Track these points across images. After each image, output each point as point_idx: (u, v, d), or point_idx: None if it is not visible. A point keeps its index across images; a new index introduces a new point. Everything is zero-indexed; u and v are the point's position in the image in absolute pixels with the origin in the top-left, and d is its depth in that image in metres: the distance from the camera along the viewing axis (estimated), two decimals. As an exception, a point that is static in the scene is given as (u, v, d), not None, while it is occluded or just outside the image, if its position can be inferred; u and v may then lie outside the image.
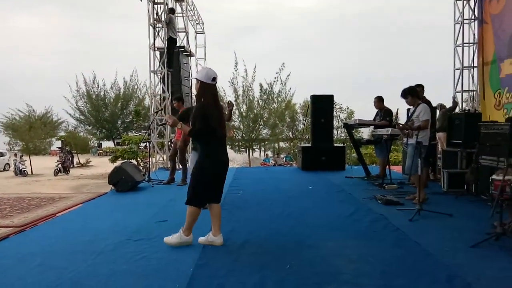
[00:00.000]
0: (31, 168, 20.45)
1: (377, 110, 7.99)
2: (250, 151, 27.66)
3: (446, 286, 2.85)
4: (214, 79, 3.63)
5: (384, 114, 7.72)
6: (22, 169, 19.70)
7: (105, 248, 3.76)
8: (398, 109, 6.73)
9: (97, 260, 3.45)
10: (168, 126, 11.32)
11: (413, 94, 5.62)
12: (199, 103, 3.66)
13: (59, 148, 25.04)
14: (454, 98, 8.03)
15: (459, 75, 10.28)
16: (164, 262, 3.39)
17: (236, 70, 23.24)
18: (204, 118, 3.54)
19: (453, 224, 4.54)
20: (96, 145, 34.47)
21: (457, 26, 10.32)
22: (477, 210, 5.17)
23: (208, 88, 3.62)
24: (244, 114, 24.03)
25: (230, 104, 5.68)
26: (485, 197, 5.60)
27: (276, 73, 23.64)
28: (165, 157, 11.52)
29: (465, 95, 10.50)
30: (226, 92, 23.81)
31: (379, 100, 7.92)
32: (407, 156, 5.84)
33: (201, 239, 3.87)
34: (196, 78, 3.72)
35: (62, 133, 29.31)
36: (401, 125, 5.93)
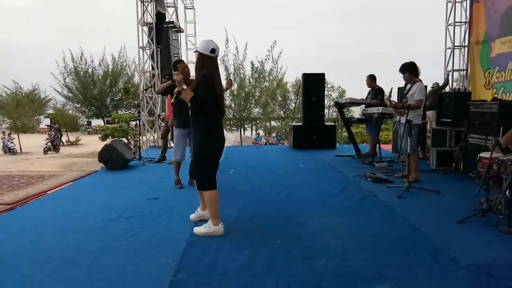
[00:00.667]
0: (20, 146, 20.22)
1: (369, 88, 7.99)
2: (242, 130, 27.62)
3: (432, 260, 2.93)
4: (213, 50, 3.39)
5: (376, 93, 7.73)
6: (11, 147, 19.46)
7: (95, 225, 3.77)
8: (392, 88, 6.74)
9: (88, 237, 3.47)
10: (158, 103, 11.20)
11: (412, 70, 5.59)
12: (202, 74, 3.37)
13: (47, 126, 24.72)
14: (447, 75, 8.03)
15: (450, 54, 10.26)
16: (155, 239, 3.42)
17: (227, 48, 22.91)
18: (211, 90, 3.33)
19: (440, 200, 4.63)
20: (85, 123, 34.10)
21: (449, 4, 10.23)
22: (465, 187, 5.27)
23: (207, 60, 3.39)
24: (235, 92, 23.85)
25: (230, 82, 5.61)
26: (472, 175, 5.70)
27: (268, 51, 23.39)
28: (155, 136, 11.46)
29: (456, 74, 10.52)
30: (217, 70, 23.53)
31: (371, 79, 7.90)
32: (399, 135, 5.88)
33: (192, 216, 3.90)
34: (196, 50, 3.51)
35: (51, 111, 28.92)
36: (393, 103, 5.95)
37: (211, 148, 3.46)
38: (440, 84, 8.82)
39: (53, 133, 21.11)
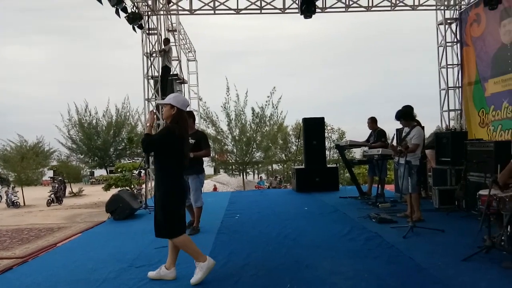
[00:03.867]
0: (24, 199, 20.25)
1: (370, 130, 8.21)
2: (244, 174, 27.73)
3: (440, 298, 2.99)
4: (188, 106, 3.73)
5: (378, 135, 7.94)
6: (15, 201, 19.49)
7: (108, 276, 3.84)
8: (394, 134, 7.02)
9: (101, 288, 3.53)
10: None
11: (406, 117, 5.82)
12: (167, 127, 3.56)
13: (51, 178, 24.90)
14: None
15: (445, 95, 10.65)
16: (167, 287, 3.48)
17: (228, 95, 23.61)
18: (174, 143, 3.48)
19: (445, 239, 4.70)
20: (88, 173, 34.27)
21: (441, 48, 10.75)
22: (468, 225, 5.34)
23: (184, 114, 3.60)
24: (237, 137, 24.25)
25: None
26: (475, 212, 5.77)
27: (268, 96, 24.06)
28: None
29: (452, 114, 10.84)
30: (219, 116, 24.11)
31: (372, 121, 8.14)
32: (399, 175, 6.04)
33: (151, 274, 3.74)
34: (171, 104, 3.53)
35: (55, 163, 29.17)
36: (393, 146, 6.17)
37: (177, 197, 3.58)
38: (442, 128, 9.08)
39: (57, 185, 21.22)
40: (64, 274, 4.01)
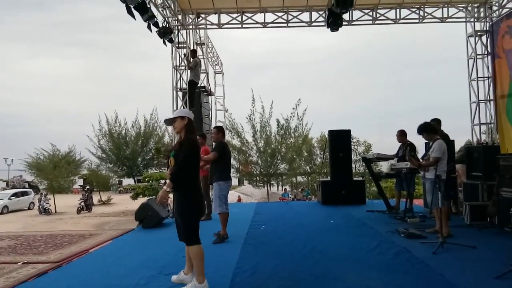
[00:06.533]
0: (55, 207, 20.91)
1: (400, 143, 8.09)
2: (268, 185, 27.72)
3: (472, 316, 2.92)
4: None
5: (407, 149, 7.80)
6: (46, 208, 20.19)
7: (139, 282, 3.94)
8: (408, 148, 6.96)
9: (133, 294, 3.64)
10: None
11: (428, 130, 5.74)
12: (190, 139, 3.59)
13: (81, 186, 25.61)
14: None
15: (476, 108, 10.39)
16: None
17: (253, 107, 23.84)
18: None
19: (477, 256, 4.58)
20: (116, 182, 35.05)
21: (471, 61, 10.54)
22: (501, 242, 5.18)
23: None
24: (261, 149, 24.36)
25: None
26: (508, 229, 5.61)
27: (293, 108, 24.14)
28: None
29: (483, 127, 10.56)
30: (244, 128, 24.33)
31: (401, 134, 8.00)
32: (426, 190, 5.94)
33: (173, 278, 3.93)
34: (183, 116, 3.65)
35: (85, 171, 30.02)
36: (412, 159, 6.09)
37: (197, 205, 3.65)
38: (473, 142, 8.88)
39: (86, 193, 21.83)
40: (96, 279, 4.15)
